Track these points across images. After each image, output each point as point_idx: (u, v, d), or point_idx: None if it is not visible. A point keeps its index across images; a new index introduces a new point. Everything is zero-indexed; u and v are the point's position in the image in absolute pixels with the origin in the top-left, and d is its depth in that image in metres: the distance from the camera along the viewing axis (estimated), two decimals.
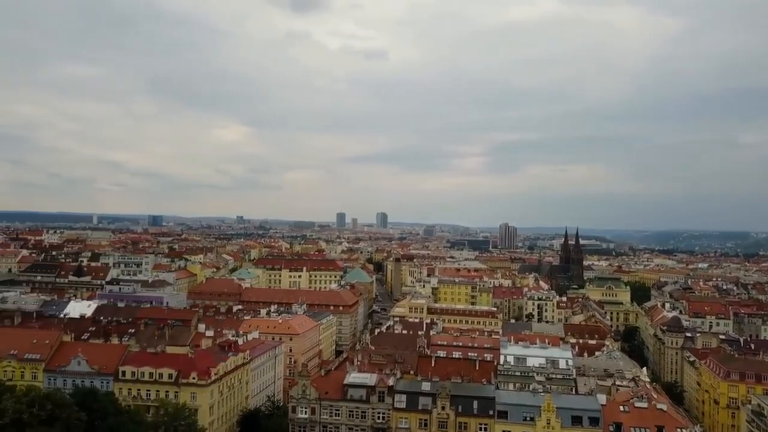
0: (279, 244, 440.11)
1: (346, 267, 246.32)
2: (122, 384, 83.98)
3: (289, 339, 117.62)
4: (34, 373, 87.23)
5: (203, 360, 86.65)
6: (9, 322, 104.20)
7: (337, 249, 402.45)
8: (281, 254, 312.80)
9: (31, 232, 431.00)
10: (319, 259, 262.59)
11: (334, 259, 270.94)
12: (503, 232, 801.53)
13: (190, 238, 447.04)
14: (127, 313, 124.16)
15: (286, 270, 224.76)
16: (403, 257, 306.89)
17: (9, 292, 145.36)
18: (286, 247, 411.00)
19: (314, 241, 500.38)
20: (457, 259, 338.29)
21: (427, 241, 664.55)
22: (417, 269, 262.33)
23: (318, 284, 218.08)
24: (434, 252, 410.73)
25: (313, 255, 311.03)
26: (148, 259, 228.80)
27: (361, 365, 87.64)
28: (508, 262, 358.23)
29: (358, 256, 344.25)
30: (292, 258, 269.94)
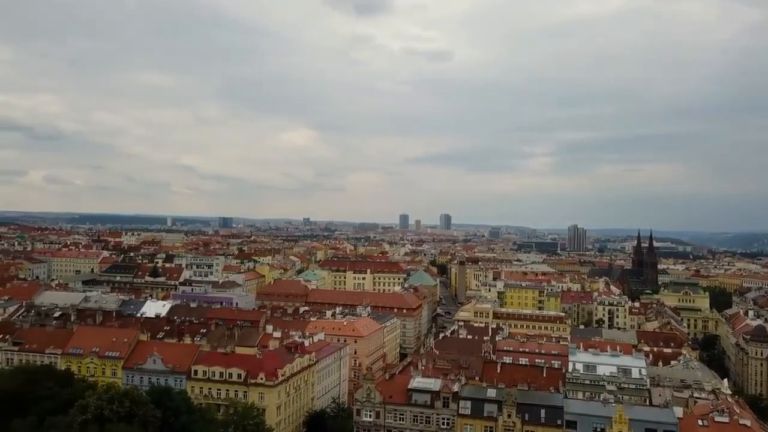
0: (344, 245, 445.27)
1: (410, 269, 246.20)
2: (194, 383, 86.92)
3: (353, 341, 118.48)
4: (114, 370, 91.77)
5: (271, 361, 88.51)
6: (91, 321, 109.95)
7: (400, 251, 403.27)
8: (346, 256, 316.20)
9: (111, 233, 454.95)
10: (382, 262, 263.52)
11: (398, 262, 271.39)
12: (572, 234, 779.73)
13: (258, 240, 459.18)
14: (198, 314, 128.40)
15: (350, 272, 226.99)
16: (468, 260, 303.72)
17: (91, 291, 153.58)
18: (351, 249, 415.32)
19: (378, 243, 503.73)
20: (523, 262, 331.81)
21: (492, 243, 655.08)
22: (482, 272, 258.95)
23: (382, 286, 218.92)
24: (500, 255, 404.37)
25: (376, 257, 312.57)
26: (218, 261, 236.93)
27: (426, 370, 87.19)
28: (577, 266, 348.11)
29: (421, 259, 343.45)
30: (356, 260, 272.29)
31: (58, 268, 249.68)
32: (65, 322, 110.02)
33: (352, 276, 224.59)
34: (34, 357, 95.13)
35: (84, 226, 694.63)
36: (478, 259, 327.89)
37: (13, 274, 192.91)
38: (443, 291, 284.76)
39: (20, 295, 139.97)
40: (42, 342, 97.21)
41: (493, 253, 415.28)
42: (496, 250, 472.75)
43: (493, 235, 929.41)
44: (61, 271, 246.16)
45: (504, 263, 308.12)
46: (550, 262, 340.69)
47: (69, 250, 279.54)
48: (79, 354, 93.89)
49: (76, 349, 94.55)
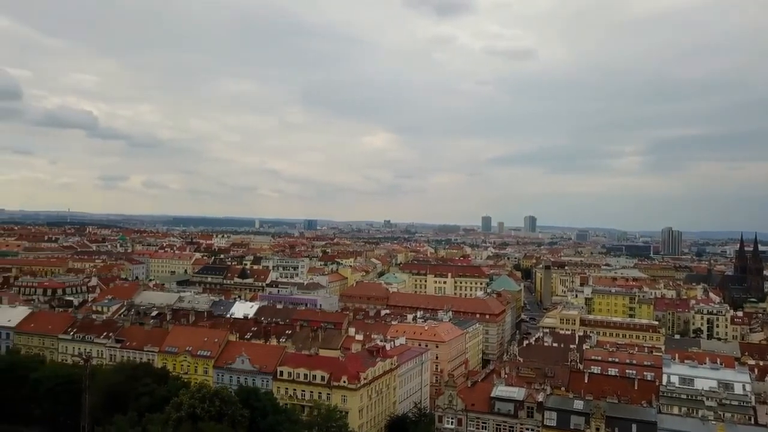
0: (424, 248, 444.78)
1: (492, 274, 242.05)
2: (280, 383, 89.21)
3: (435, 346, 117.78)
4: (205, 369, 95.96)
5: (353, 364, 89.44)
6: (185, 321, 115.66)
7: (482, 254, 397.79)
8: (426, 259, 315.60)
9: (203, 236, 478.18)
10: (464, 265, 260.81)
11: (480, 265, 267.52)
12: (666, 237, 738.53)
13: (341, 242, 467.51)
14: (284, 315, 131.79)
15: (431, 275, 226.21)
16: (554, 264, 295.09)
17: (185, 292, 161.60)
18: (431, 252, 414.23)
19: (459, 246, 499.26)
20: (613, 266, 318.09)
21: (579, 246, 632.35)
22: (569, 277, 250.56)
23: (463, 291, 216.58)
24: (588, 259, 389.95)
25: (458, 260, 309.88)
26: (303, 263, 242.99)
27: (509, 378, 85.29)
28: (672, 271, 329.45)
29: (504, 263, 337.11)
30: (437, 263, 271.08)
31: (155, 269, 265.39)
32: (161, 321, 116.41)
33: (433, 280, 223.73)
34: (134, 354, 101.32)
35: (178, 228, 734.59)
36: (564, 263, 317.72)
37: (115, 274, 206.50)
38: (527, 296, 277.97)
39: (122, 294, 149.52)
40: (141, 340, 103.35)
41: (580, 257, 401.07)
42: (584, 254, 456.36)
43: (581, 238, 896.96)
44: (157, 271, 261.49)
45: (592, 267, 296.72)
46: (642, 267, 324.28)
47: (165, 252, 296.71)
48: (173, 352, 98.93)
49: (171, 348, 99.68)
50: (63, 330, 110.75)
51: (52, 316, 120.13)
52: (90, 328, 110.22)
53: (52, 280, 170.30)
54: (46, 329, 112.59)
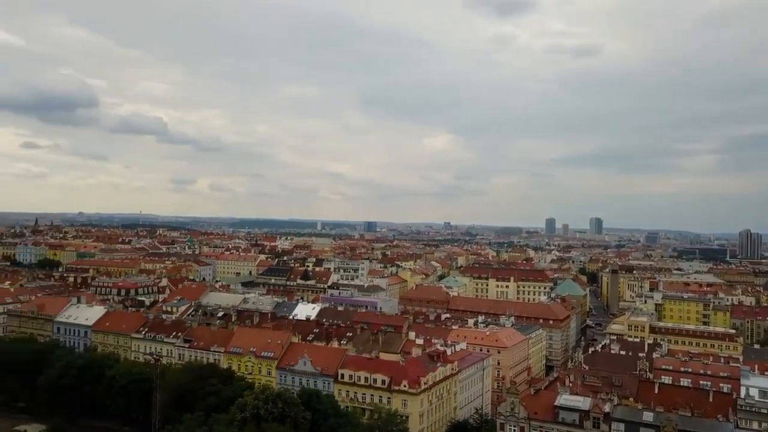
0: (485, 251, 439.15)
1: (557, 278, 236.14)
2: (341, 386, 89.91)
3: (496, 352, 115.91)
4: (269, 370, 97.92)
5: (414, 368, 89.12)
6: (249, 322, 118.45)
7: (546, 258, 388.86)
8: (488, 262, 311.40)
9: (267, 238, 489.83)
10: (527, 269, 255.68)
11: (543, 269, 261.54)
12: (744, 239, 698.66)
13: (401, 245, 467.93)
14: (345, 317, 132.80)
15: (493, 279, 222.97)
16: (621, 268, 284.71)
17: (249, 293, 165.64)
18: (493, 255, 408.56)
19: (522, 249, 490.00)
20: (685, 271, 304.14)
21: (649, 249, 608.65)
22: (637, 282, 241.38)
23: (526, 295, 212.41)
24: (658, 262, 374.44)
25: (520, 264, 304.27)
26: (364, 265, 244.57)
27: (574, 386, 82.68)
28: (750, 276, 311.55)
29: (569, 266, 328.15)
30: (499, 267, 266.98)
31: (222, 270, 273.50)
32: (227, 322, 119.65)
33: (495, 284, 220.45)
34: (201, 354, 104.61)
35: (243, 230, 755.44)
36: (632, 267, 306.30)
37: (184, 275, 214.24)
38: (593, 301, 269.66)
39: (190, 295, 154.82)
40: (207, 340, 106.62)
41: (649, 261, 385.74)
42: (654, 258, 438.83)
43: (650, 241, 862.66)
44: (223, 272, 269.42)
45: (662, 272, 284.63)
46: (718, 272, 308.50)
47: (230, 254, 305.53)
48: (238, 353, 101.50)
49: (237, 349, 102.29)
50: (135, 329, 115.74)
51: (125, 315, 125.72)
52: (160, 327, 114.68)
53: (125, 281, 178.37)
54: (120, 328, 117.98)
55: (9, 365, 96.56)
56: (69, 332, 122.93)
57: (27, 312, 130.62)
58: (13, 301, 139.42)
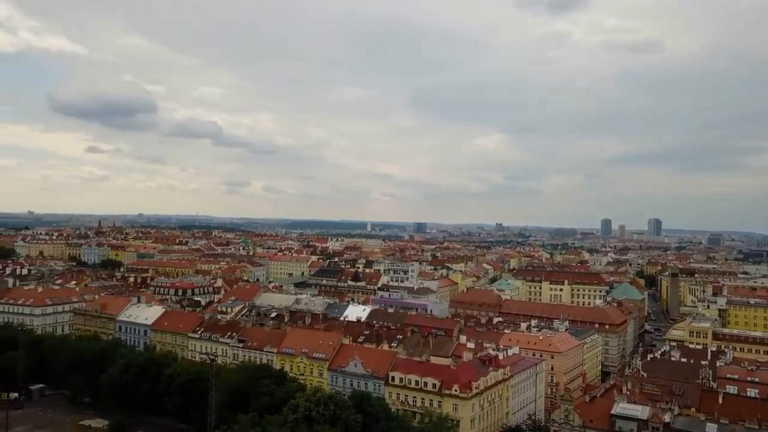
0: (539, 253, 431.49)
1: (613, 281, 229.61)
2: (391, 388, 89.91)
3: (550, 357, 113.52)
4: (320, 371, 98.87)
5: (465, 372, 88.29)
6: (301, 323, 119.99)
7: (602, 260, 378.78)
8: (541, 265, 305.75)
9: (318, 239, 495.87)
10: (581, 272, 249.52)
11: (599, 272, 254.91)
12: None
13: (451, 247, 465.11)
14: (395, 319, 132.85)
15: (546, 282, 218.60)
16: (682, 271, 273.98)
17: (301, 294, 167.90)
18: (546, 257, 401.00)
19: (576, 251, 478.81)
20: (752, 275, 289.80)
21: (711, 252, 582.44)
22: (699, 286, 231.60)
23: (580, 299, 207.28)
24: (721, 266, 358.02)
25: (575, 266, 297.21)
26: (413, 267, 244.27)
27: (631, 394, 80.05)
28: None
29: (626, 269, 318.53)
30: (552, 269, 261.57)
31: (274, 271, 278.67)
32: (280, 322, 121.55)
33: (548, 287, 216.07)
34: (254, 354, 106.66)
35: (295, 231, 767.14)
36: (693, 270, 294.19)
37: (238, 276, 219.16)
38: (652, 306, 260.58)
39: (244, 296, 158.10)
40: (261, 340, 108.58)
41: (712, 264, 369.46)
42: (717, 260, 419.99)
43: (713, 243, 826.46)
44: (276, 273, 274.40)
45: (726, 275, 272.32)
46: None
47: (283, 255, 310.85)
48: (291, 353, 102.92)
49: (289, 349, 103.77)
50: (192, 329, 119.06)
51: (182, 315, 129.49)
52: (215, 327, 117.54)
53: (182, 281, 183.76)
54: (178, 328, 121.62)
55: (75, 362, 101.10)
56: (130, 331, 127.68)
57: (91, 311, 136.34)
58: (78, 300, 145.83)
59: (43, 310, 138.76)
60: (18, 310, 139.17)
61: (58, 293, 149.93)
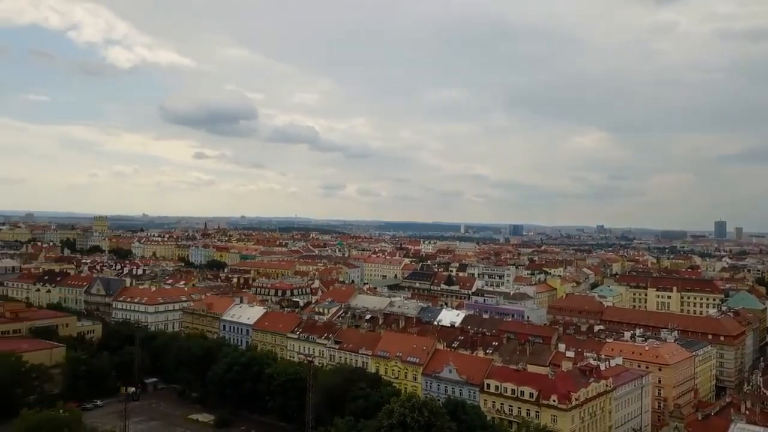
0: (644, 258, 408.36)
1: (728, 288, 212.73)
2: (487, 396, 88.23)
3: (657, 369, 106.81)
4: (414, 375, 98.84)
5: (564, 383, 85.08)
6: (395, 326, 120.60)
7: (715, 266, 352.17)
8: (646, 270, 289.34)
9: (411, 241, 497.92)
10: (692, 278, 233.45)
11: (712, 278, 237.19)
12: None
13: (549, 250, 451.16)
14: (490, 325, 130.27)
15: (652, 289, 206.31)
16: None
17: (395, 297, 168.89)
18: (652, 262, 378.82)
19: (686, 256, 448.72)
20: None
21: None
22: None
23: (691, 308, 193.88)
24: None
25: (685, 272, 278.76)
26: (509, 271, 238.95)
27: (751, 414, 73.98)
28: None
29: (744, 275, 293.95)
30: (659, 275, 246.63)
31: (369, 273, 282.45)
32: (374, 325, 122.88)
33: (655, 294, 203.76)
34: (350, 356, 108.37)
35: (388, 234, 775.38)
36: None
37: (334, 277, 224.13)
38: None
39: (340, 297, 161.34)
40: (356, 342, 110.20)
41: None
42: None
43: None
44: (371, 275, 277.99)
45: None
46: None
47: (377, 257, 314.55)
48: (385, 357, 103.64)
49: (383, 352, 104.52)
50: (290, 329, 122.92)
51: (282, 315, 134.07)
52: (313, 328, 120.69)
53: (282, 282, 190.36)
54: (277, 328, 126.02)
55: (184, 359, 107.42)
56: (233, 330, 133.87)
57: (198, 310, 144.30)
58: (187, 299, 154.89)
59: (156, 308, 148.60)
60: (134, 308, 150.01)
61: (169, 293, 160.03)
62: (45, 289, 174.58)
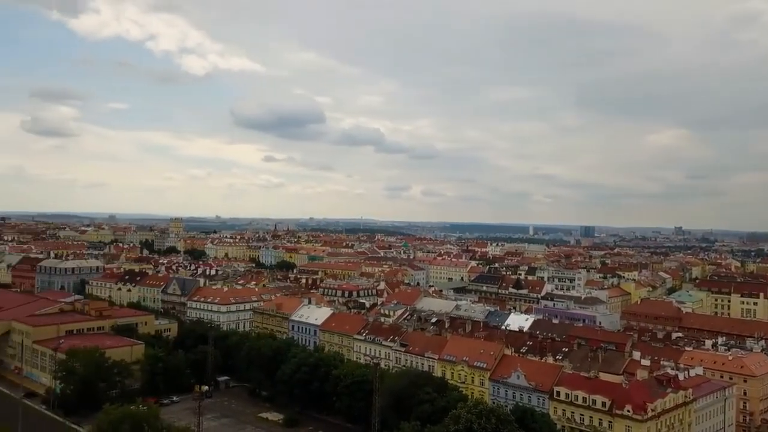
0: (727, 261, 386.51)
1: None
2: (557, 404, 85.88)
3: (741, 381, 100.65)
4: (481, 380, 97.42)
5: (639, 392, 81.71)
6: (461, 330, 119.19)
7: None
8: (730, 274, 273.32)
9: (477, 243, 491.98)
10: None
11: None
12: None
13: (623, 253, 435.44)
14: (560, 330, 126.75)
15: (736, 295, 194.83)
16: None
17: (461, 300, 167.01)
18: (737, 266, 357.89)
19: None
20: None
21: None
22: None
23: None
24: None
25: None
26: (580, 275, 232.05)
27: None
28: None
29: None
30: (744, 280, 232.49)
31: (434, 275, 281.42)
32: (440, 328, 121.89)
33: (739, 300, 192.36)
34: (415, 359, 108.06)
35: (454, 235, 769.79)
36: None
37: (399, 279, 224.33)
38: None
39: (405, 299, 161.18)
40: (422, 346, 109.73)
41: None
42: None
43: None
44: (436, 277, 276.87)
45: None
46: None
47: (442, 259, 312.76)
48: (451, 361, 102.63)
49: (450, 356, 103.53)
50: (357, 331, 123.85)
51: (348, 317, 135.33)
52: (379, 330, 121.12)
53: (348, 284, 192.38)
54: (344, 329, 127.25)
55: (255, 358, 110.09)
56: (301, 330, 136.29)
57: (268, 310, 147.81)
58: (257, 299, 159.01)
59: (228, 308, 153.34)
60: (207, 307, 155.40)
61: (241, 293, 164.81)
62: (126, 288, 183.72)
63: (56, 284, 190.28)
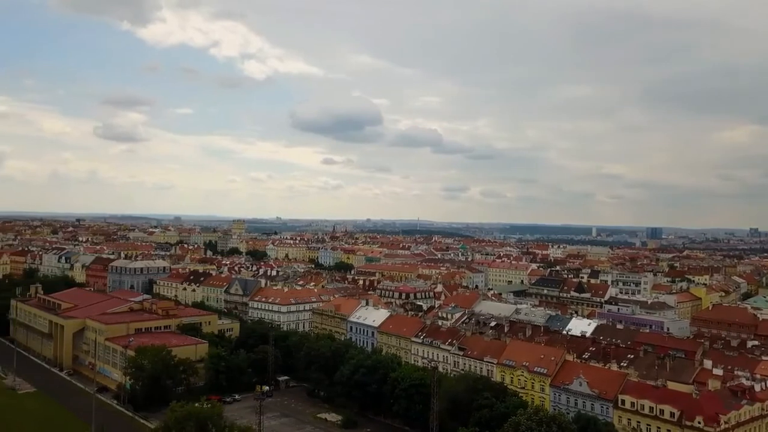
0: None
1: None
2: (621, 413, 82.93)
3: None
4: (542, 386, 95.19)
5: (710, 403, 77.83)
6: (521, 334, 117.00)
7: None
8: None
9: (538, 245, 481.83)
10: None
11: None
12: None
13: (692, 256, 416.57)
14: (625, 336, 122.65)
15: None
16: None
17: (521, 304, 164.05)
18: None
19: None
20: None
21: None
22: None
23: None
24: None
25: None
26: (646, 279, 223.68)
27: None
28: None
29: None
30: None
31: (493, 278, 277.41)
32: (499, 332, 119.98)
33: None
34: (474, 363, 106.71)
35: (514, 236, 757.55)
36: None
37: (457, 282, 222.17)
38: None
39: (463, 302, 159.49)
40: (480, 350, 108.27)
41: None
42: None
43: None
44: (495, 280, 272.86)
45: None
46: None
47: (502, 262, 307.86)
48: (511, 366, 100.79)
49: (509, 361, 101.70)
50: (414, 333, 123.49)
51: (405, 319, 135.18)
52: (436, 333, 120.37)
53: (405, 286, 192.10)
54: (401, 331, 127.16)
55: (314, 358, 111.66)
56: (359, 331, 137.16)
57: (327, 311, 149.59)
58: (316, 300, 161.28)
59: (288, 308, 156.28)
60: (268, 307, 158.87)
61: (300, 293, 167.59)
62: (191, 288, 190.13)
63: (126, 283, 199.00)
